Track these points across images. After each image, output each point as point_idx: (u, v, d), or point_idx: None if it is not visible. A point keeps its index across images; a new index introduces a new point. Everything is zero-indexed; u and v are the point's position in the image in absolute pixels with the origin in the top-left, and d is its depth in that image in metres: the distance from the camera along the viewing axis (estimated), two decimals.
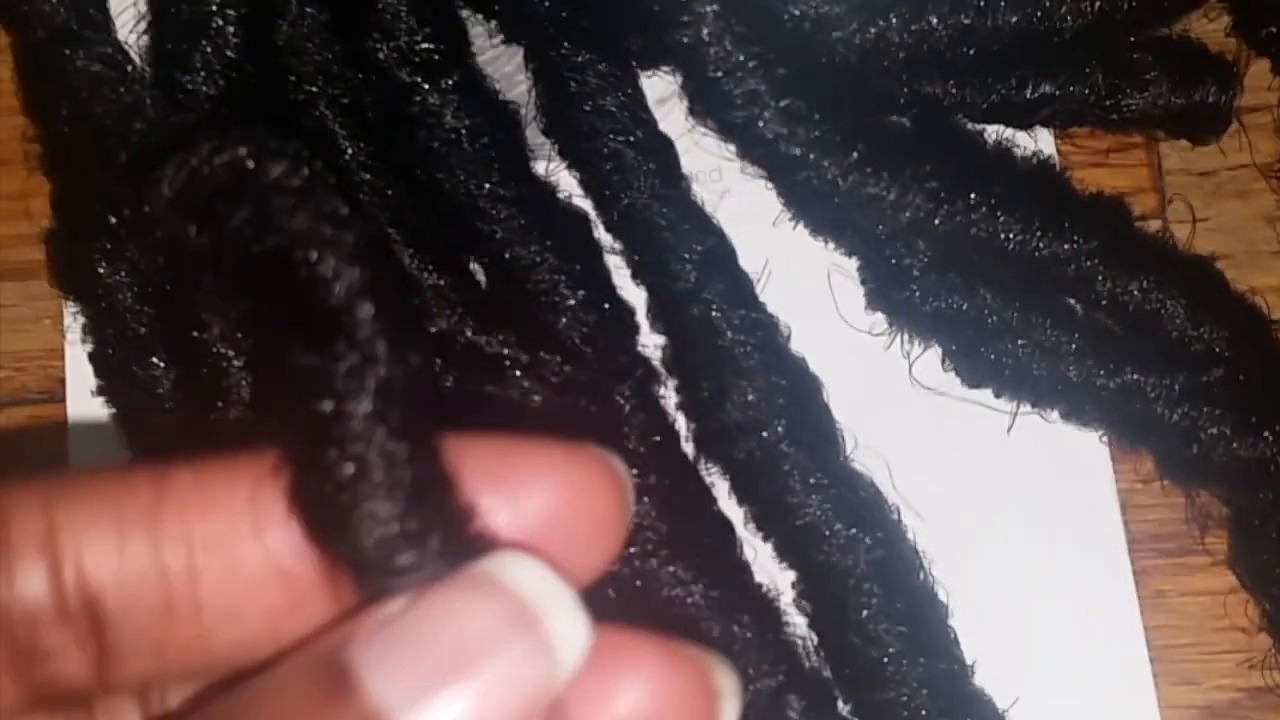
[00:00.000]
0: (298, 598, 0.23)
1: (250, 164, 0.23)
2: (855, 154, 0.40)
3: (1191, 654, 0.40)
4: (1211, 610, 0.40)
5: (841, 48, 0.42)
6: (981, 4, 0.42)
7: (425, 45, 0.42)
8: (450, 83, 0.41)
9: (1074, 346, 0.40)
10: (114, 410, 0.41)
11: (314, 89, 0.42)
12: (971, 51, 0.42)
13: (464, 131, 0.41)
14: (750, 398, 0.40)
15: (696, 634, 0.39)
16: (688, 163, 0.42)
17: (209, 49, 0.41)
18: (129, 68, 0.42)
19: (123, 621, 0.23)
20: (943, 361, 0.41)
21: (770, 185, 0.42)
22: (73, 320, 0.41)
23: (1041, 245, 0.40)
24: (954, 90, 0.42)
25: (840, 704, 0.40)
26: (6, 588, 0.22)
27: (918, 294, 0.41)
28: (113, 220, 0.39)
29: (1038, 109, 0.42)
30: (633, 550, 0.39)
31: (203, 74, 0.41)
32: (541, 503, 0.24)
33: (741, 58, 0.40)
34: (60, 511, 0.23)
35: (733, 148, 0.42)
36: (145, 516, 0.23)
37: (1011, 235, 0.40)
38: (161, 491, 0.23)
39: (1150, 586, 0.41)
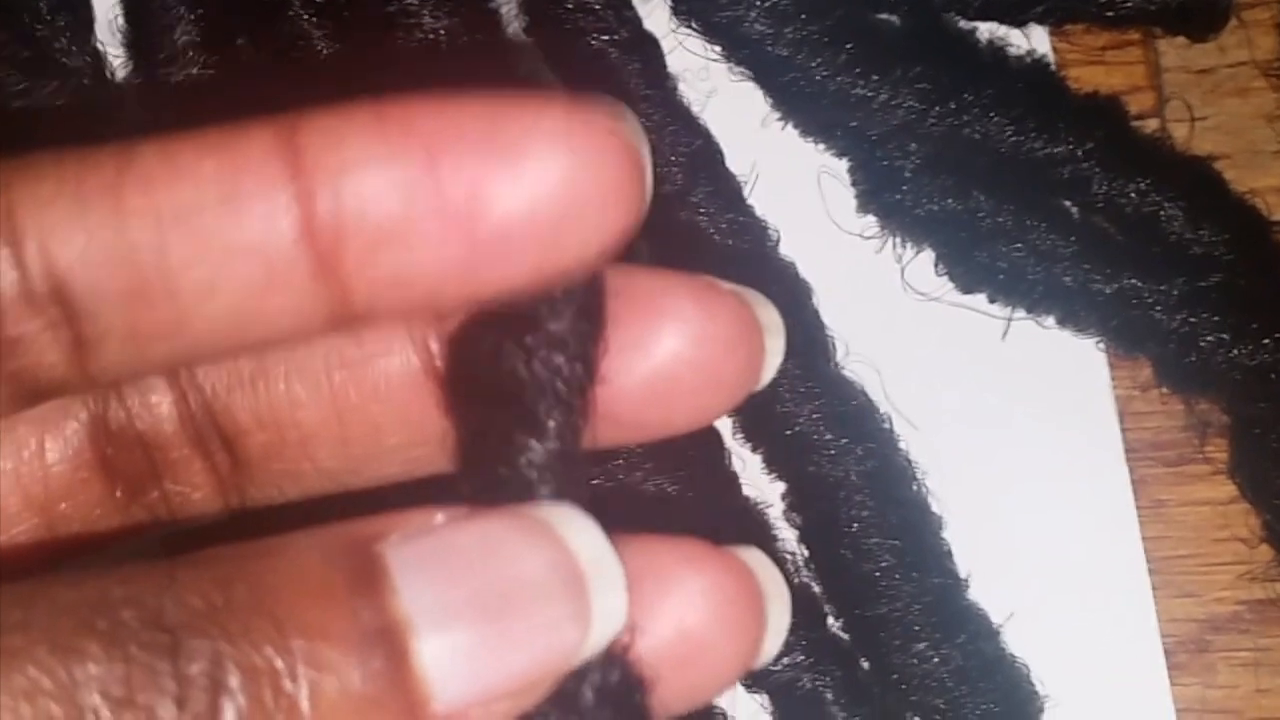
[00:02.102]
0: (276, 272, 0.22)
1: None
2: (843, 54, 0.39)
3: (1191, 566, 0.40)
4: (1212, 520, 0.40)
5: None
6: None
7: None
8: None
9: (1070, 250, 0.39)
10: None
11: None
12: None
13: (442, 33, 0.40)
14: None
15: None
16: (673, 62, 0.41)
17: None
18: None
19: (94, 305, 0.22)
20: (935, 266, 0.40)
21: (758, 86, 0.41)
22: None
23: (1036, 147, 0.39)
24: None
25: (830, 620, 0.39)
26: None
27: (910, 196, 0.40)
28: None
29: (1032, 5, 0.41)
30: (616, 463, 0.38)
31: None
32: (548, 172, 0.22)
33: None
34: (18, 192, 0.22)
35: (718, 48, 0.41)
36: (108, 192, 0.22)
37: (1005, 137, 0.39)
38: (124, 167, 0.22)
39: (1149, 496, 0.40)
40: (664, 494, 0.38)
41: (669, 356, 0.25)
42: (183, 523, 0.28)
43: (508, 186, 0.22)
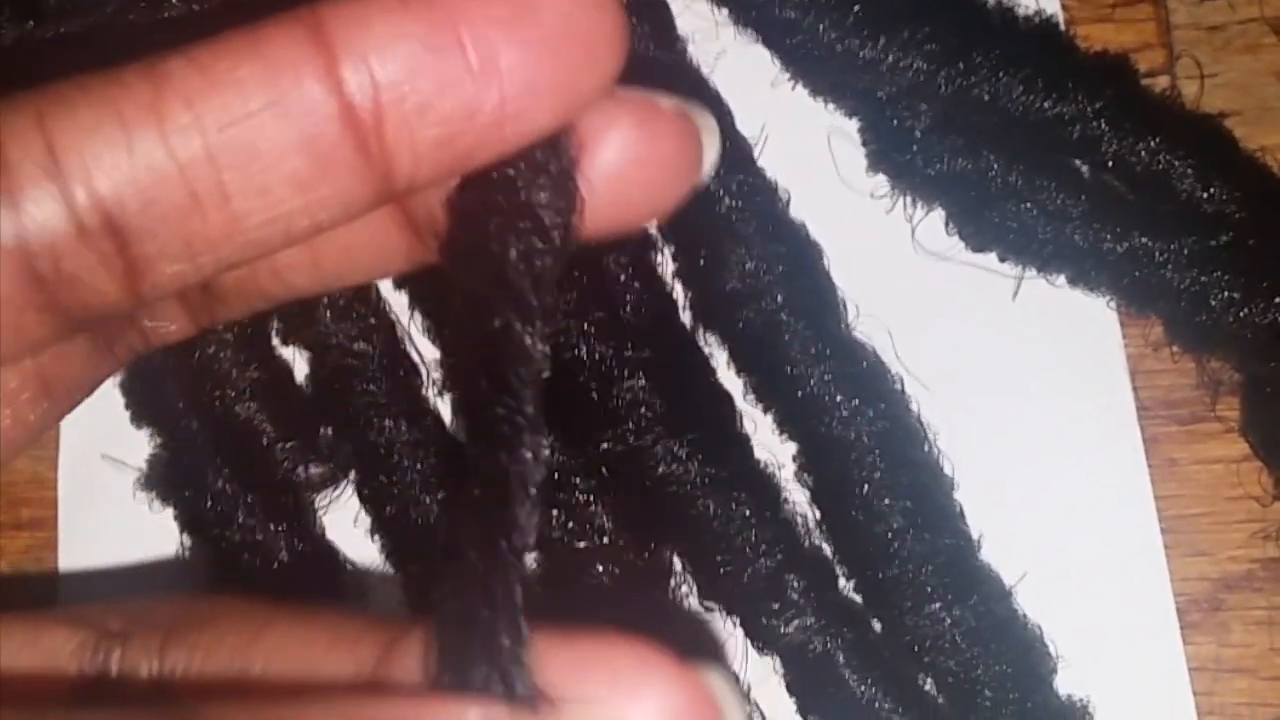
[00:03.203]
0: (325, 163, 0.23)
1: None
2: (851, 16, 0.39)
3: (1204, 524, 0.39)
4: (1224, 479, 0.39)
5: None
6: None
7: None
8: None
9: (1080, 209, 0.39)
10: None
11: None
12: None
13: None
14: (749, 265, 0.39)
15: (693, 514, 0.38)
16: (682, 24, 0.41)
17: None
18: None
19: (147, 228, 0.22)
20: (946, 225, 0.40)
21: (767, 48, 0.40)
22: None
23: (1046, 106, 0.39)
24: None
25: (842, 582, 0.39)
26: (16, 219, 0.22)
27: (920, 156, 0.40)
28: None
29: None
30: (627, 427, 0.38)
31: None
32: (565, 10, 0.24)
33: None
34: (57, 125, 0.22)
35: (725, 10, 0.40)
36: (148, 110, 0.22)
37: (1015, 97, 0.39)
38: (159, 85, 0.22)
39: (1161, 455, 0.40)
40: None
41: (611, 167, 0.26)
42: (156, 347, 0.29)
43: (526, 36, 0.23)
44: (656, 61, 0.39)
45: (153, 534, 0.39)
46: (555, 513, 0.38)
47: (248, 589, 0.37)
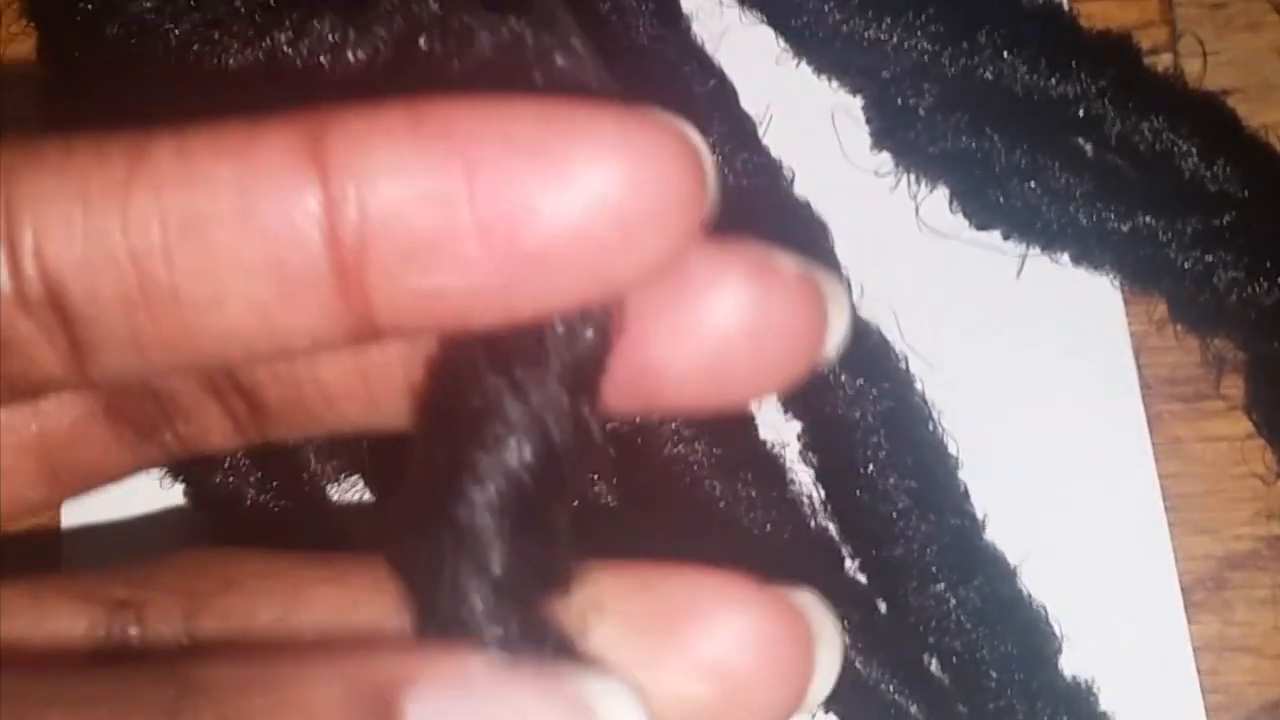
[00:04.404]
0: (291, 287, 0.20)
1: None
2: None
3: (1208, 503, 0.39)
4: (1229, 457, 0.39)
5: None
6: None
7: None
8: None
9: (1084, 188, 0.39)
10: None
11: None
12: None
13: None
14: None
15: (699, 494, 0.38)
16: (686, 2, 0.41)
17: None
18: None
19: (91, 311, 0.20)
20: (950, 203, 0.40)
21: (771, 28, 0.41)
22: None
23: (1049, 85, 0.39)
24: None
25: (848, 563, 0.39)
26: None
27: (924, 135, 0.39)
28: None
29: None
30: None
31: None
32: (602, 182, 0.20)
33: None
34: (19, 185, 0.20)
35: None
36: (115, 191, 0.20)
37: (1018, 76, 0.39)
38: (135, 165, 0.20)
39: (1165, 433, 0.40)
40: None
41: (720, 335, 0.23)
42: (196, 455, 0.27)
43: (555, 199, 0.20)
44: (660, 41, 0.39)
45: (156, 490, 0.39)
46: None
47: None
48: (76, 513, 0.38)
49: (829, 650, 0.23)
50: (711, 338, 0.22)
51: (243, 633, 0.22)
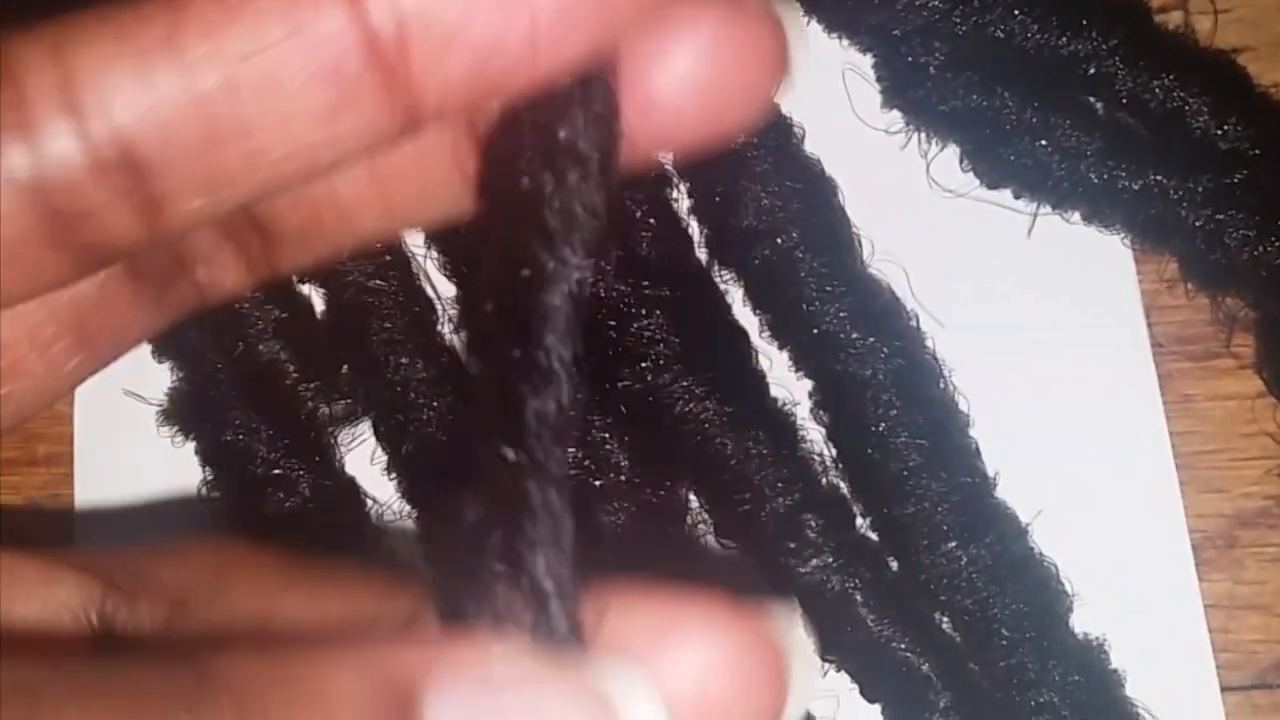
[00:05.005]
0: (348, 94, 0.22)
1: None
2: None
3: (1219, 461, 0.39)
4: (1239, 415, 0.39)
5: None
6: None
7: None
8: None
9: (1095, 147, 0.39)
10: None
11: None
12: None
13: None
14: (764, 202, 0.39)
15: (711, 451, 0.38)
16: None
17: None
18: None
19: (166, 163, 0.21)
20: (961, 162, 0.40)
21: None
22: None
23: (1060, 44, 0.39)
24: None
25: (859, 521, 0.39)
26: (32, 155, 0.21)
27: (935, 92, 0.40)
28: None
29: None
30: (644, 365, 0.38)
31: None
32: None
33: None
34: (74, 57, 0.21)
35: None
36: (166, 42, 0.21)
37: (1029, 34, 0.39)
38: (178, 15, 0.21)
39: (1176, 391, 0.40)
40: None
41: (690, 75, 0.24)
42: (213, 303, 0.28)
43: None
44: None
45: (170, 469, 0.39)
46: (572, 450, 0.38)
47: (267, 525, 0.37)
48: (90, 493, 0.39)
49: (803, 671, 0.23)
50: (686, 75, 0.24)
51: (258, 623, 0.22)
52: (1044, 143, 0.39)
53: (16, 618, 0.23)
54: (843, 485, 0.39)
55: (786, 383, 0.39)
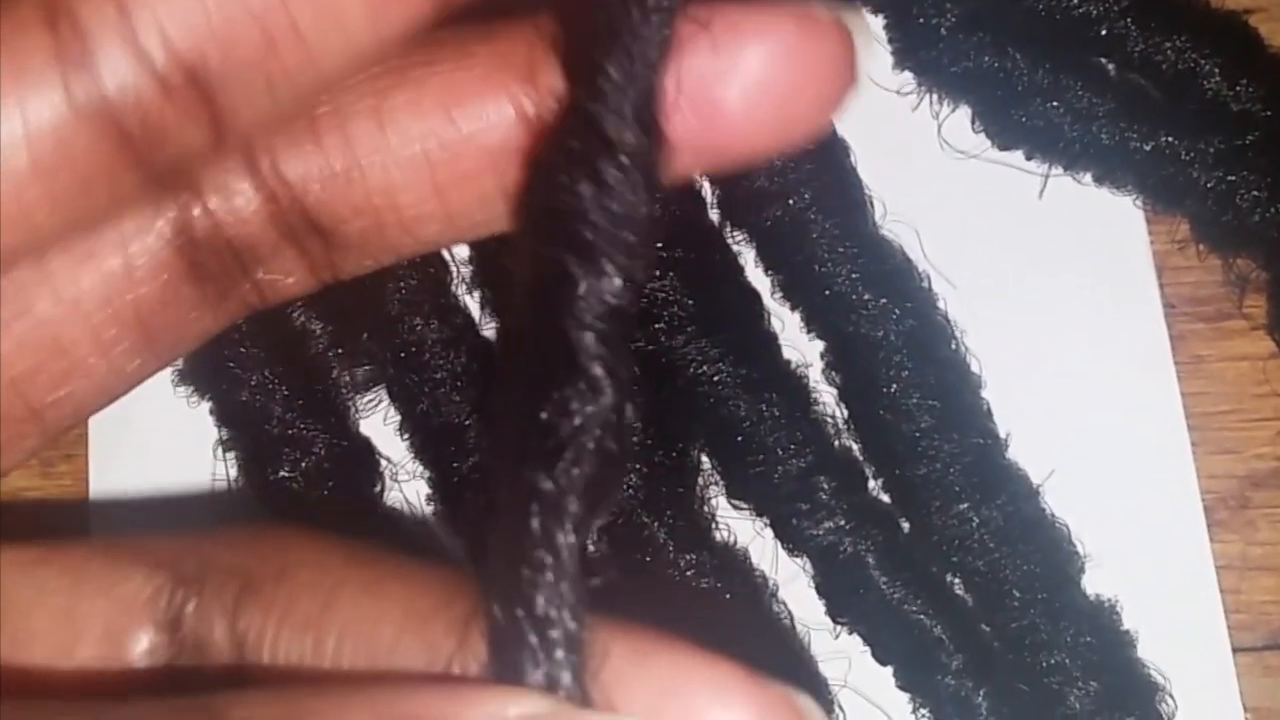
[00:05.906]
0: None
1: None
2: None
3: (1231, 422, 0.39)
4: (1251, 376, 0.39)
5: None
6: None
7: None
8: None
9: (1106, 108, 0.39)
10: None
11: None
12: None
13: None
14: (776, 162, 0.39)
15: (724, 413, 0.38)
16: None
17: None
18: None
19: (227, 74, 0.22)
20: (972, 123, 0.40)
21: None
22: None
23: (1073, 4, 0.39)
24: None
25: (871, 482, 0.39)
26: (98, 82, 0.22)
27: (946, 53, 0.40)
28: None
29: None
30: (657, 327, 0.38)
31: None
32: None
33: None
34: None
35: None
36: None
37: None
38: None
39: (1188, 352, 0.40)
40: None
41: (756, 76, 0.24)
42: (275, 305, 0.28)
43: None
44: None
45: (185, 448, 0.39)
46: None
47: (284, 489, 0.37)
48: (105, 483, 0.39)
49: None
50: (760, 70, 0.24)
51: (317, 613, 0.23)
52: (1056, 104, 0.39)
53: (81, 615, 0.24)
54: (854, 446, 0.39)
55: (798, 344, 0.40)
